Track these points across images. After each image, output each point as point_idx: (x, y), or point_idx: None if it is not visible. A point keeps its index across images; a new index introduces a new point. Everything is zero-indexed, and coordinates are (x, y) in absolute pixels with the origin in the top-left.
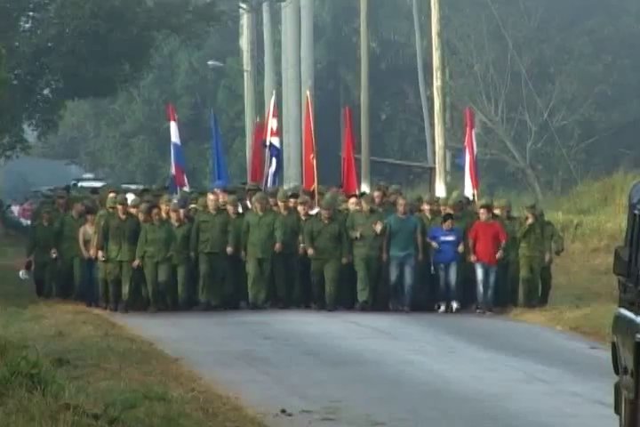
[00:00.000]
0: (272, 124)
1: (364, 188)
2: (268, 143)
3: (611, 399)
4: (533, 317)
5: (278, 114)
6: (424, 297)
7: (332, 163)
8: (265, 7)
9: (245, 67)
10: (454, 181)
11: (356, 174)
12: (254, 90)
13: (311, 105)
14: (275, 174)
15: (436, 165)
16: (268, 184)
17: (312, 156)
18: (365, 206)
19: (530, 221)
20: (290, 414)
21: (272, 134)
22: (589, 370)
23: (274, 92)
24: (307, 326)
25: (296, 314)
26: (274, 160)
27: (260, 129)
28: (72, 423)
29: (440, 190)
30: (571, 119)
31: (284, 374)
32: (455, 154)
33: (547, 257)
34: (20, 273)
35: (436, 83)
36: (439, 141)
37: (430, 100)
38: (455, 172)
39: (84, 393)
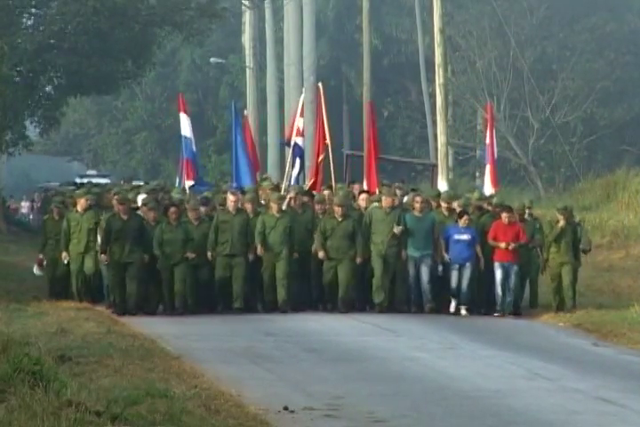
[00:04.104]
0: (298, 123)
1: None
2: (292, 142)
3: (613, 396)
4: (536, 313)
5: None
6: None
7: (334, 160)
8: (267, 4)
9: (247, 64)
10: (456, 178)
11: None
12: (256, 87)
13: (324, 99)
14: (298, 175)
15: (439, 162)
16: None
17: (320, 158)
18: (386, 202)
19: (561, 223)
20: (292, 411)
21: (297, 134)
22: (592, 367)
23: (303, 90)
24: (309, 322)
25: (298, 311)
26: (297, 161)
27: (247, 123)
28: (74, 420)
29: (442, 187)
30: (573, 116)
31: (286, 370)
32: (459, 151)
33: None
34: (35, 269)
35: (439, 80)
36: (441, 138)
37: (432, 96)
38: (457, 168)
39: (86, 390)
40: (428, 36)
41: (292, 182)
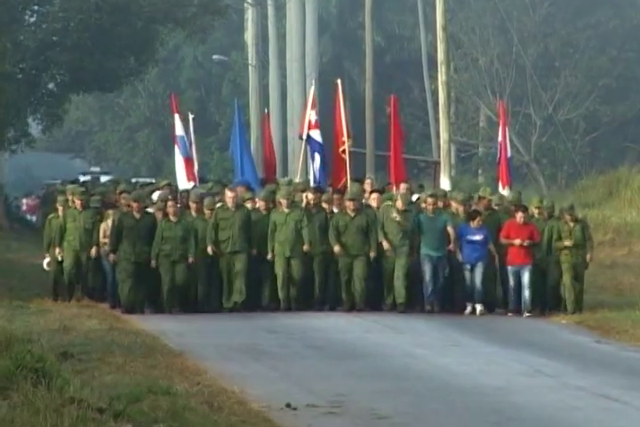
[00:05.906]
0: (311, 116)
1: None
2: (305, 136)
3: (614, 393)
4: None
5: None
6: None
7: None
8: (269, 1)
9: (250, 61)
10: (458, 176)
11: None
12: (259, 84)
13: (342, 96)
14: (321, 171)
15: (441, 159)
16: (317, 182)
17: (341, 149)
18: (400, 205)
19: (570, 224)
20: (294, 408)
21: (311, 127)
22: (594, 364)
23: (313, 82)
24: (311, 320)
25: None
26: (317, 156)
27: (267, 121)
28: (77, 417)
29: (445, 185)
30: (575, 113)
31: (288, 367)
32: (461, 149)
33: (587, 257)
34: (45, 264)
35: (441, 77)
36: (444, 135)
37: (435, 93)
38: (459, 166)
39: (88, 387)
40: (430, 33)
41: (317, 178)
